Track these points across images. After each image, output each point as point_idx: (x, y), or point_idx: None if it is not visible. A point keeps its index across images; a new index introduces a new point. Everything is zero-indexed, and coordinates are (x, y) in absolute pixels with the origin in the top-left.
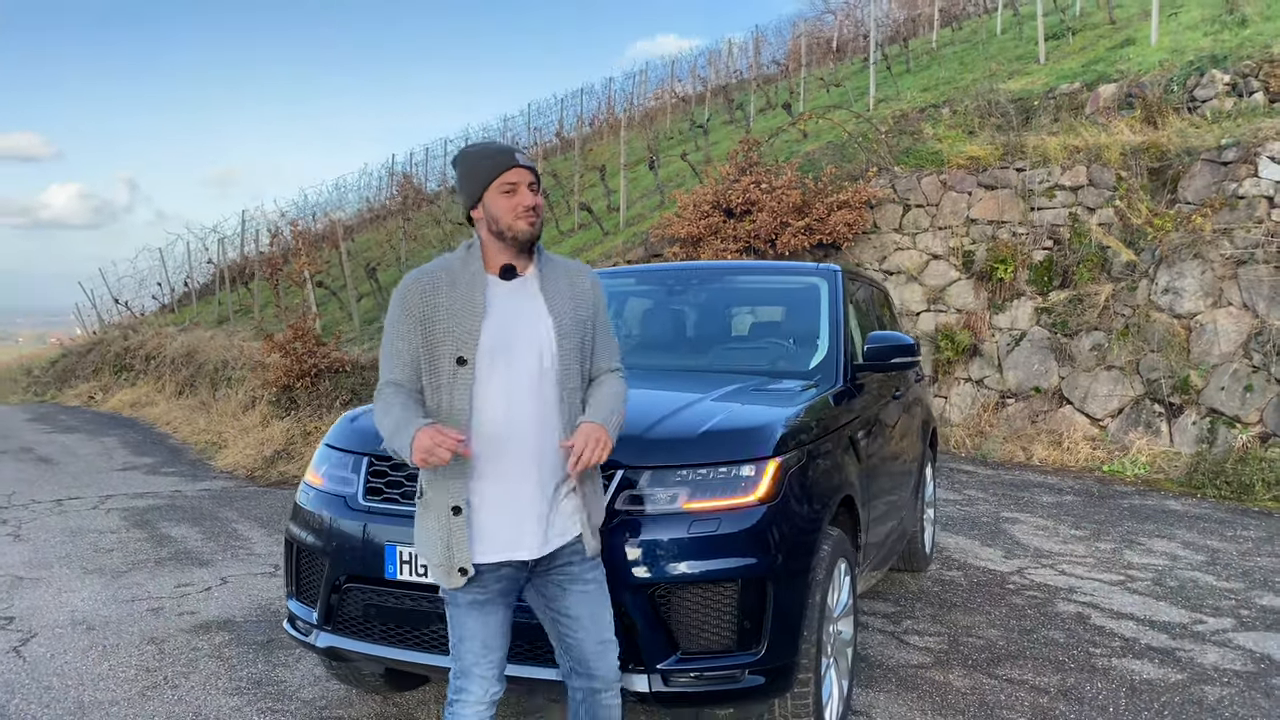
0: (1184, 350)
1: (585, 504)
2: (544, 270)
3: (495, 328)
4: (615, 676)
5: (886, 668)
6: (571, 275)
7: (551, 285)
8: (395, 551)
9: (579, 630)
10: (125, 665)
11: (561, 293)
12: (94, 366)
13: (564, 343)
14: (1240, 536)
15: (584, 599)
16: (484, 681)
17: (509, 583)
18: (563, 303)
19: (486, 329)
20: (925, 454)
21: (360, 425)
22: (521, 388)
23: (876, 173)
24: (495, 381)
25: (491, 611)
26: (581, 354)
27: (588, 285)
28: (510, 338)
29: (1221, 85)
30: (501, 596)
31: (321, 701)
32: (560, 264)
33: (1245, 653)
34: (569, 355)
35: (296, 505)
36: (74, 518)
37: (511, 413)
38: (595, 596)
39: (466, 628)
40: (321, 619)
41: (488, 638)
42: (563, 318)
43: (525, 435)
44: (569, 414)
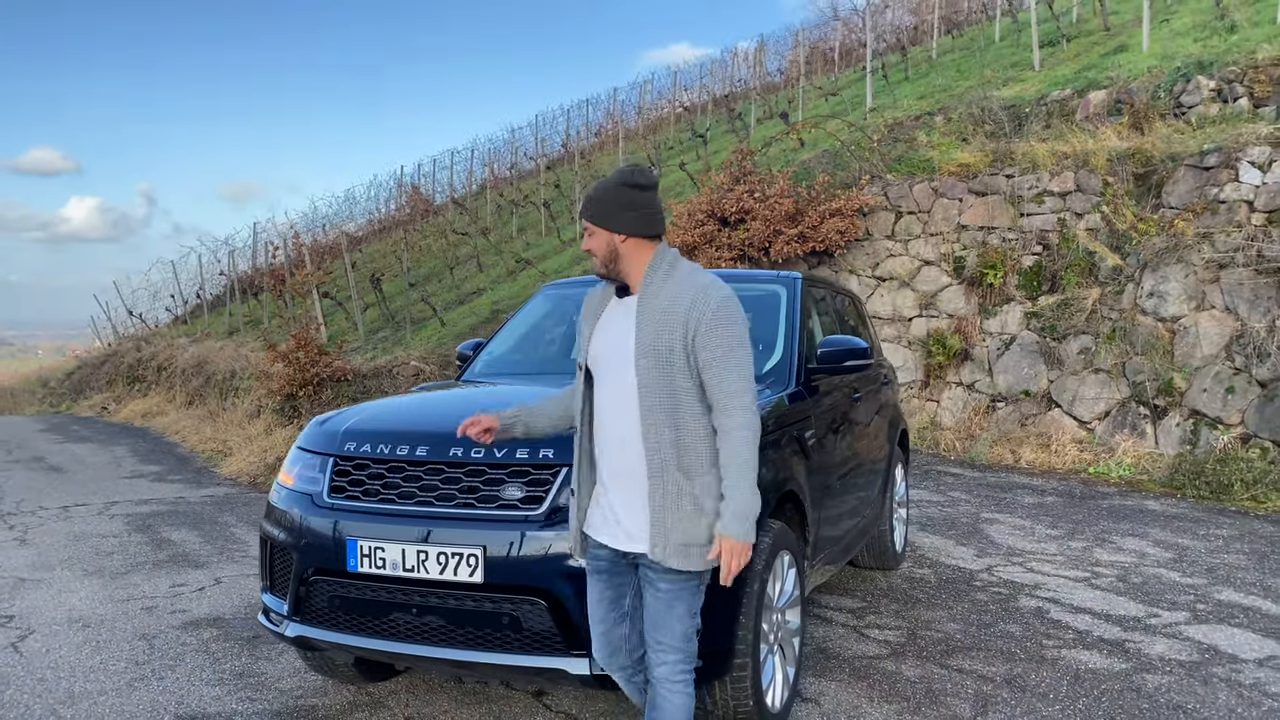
0: (1168, 353)
1: (663, 520)
2: (650, 289)
3: (600, 341)
4: (669, 676)
5: (842, 659)
6: (674, 296)
7: (646, 305)
8: (356, 545)
9: (647, 621)
10: (116, 659)
11: (652, 313)
12: (108, 378)
13: (641, 362)
14: (1212, 535)
15: (654, 600)
16: (598, 643)
17: (609, 564)
18: (649, 324)
19: (595, 341)
20: (894, 454)
21: (328, 428)
22: (614, 399)
23: (869, 180)
24: (601, 389)
25: (595, 582)
26: (667, 375)
27: (684, 305)
28: (608, 351)
29: (1207, 91)
30: (602, 573)
31: (298, 691)
32: (674, 283)
33: (1193, 644)
34: (646, 374)
35: (269, 504)
36: (79, 523)
37: (603, 419)
38: (664, 601)
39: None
40: (291, 610)
41: (594, 603)
42: (644, 338)
43: (612, 443)
44: (654, 434)
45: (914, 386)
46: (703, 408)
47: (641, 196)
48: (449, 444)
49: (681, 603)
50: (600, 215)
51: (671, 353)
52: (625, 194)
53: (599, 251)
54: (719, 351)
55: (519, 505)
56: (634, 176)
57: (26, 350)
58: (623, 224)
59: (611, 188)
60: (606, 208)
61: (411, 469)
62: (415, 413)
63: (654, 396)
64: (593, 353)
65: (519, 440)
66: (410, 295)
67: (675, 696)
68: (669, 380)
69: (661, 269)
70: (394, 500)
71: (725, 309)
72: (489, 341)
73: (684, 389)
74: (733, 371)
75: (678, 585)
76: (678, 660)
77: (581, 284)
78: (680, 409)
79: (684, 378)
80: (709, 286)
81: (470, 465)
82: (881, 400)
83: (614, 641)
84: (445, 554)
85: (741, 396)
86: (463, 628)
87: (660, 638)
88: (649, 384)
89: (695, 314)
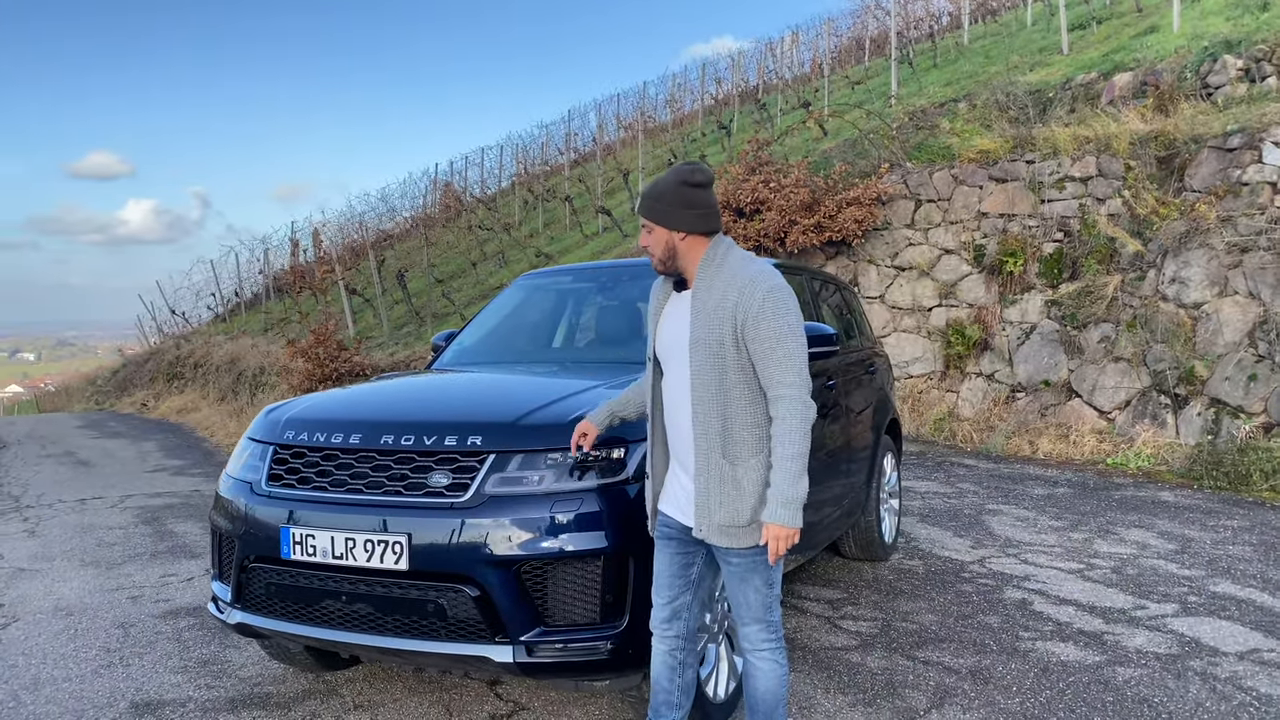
0: (1190, 341)
1: (707, 502)
2: (703, 282)
3: (663, 333)
4: (752, 645)
5: (808, 649)
6: (723, 288)
7: (700, 297)
8: (289, 533)
9: (730, 596)
10: (89, 647)
11: (704, 307)
12: (150, 375)
13: (694, 354)
14: (1221, 526)
15: (729, 574)
16: (659, 608)
17: (679, 532)
18: (701, 317)
19: (660, 333)
20: (880, 443)
21: (273, 417)
22: (675, 388)
23: (889, 169)
24: (666, 379)
25: (664, 548)
26: (718, 367)
27: (733, 299)
28: (669, 343)
29: (1234, 71)
30: (672, 540)
31: (257, 679)
32: (725, 276)
33: (1175, 637)
34: (699, 366)
35: (217, 492)
36: (90, 515)
37: (669, 406)
38: (738, 575)
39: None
40: (233, 597)
41: (659, 571)
42: (696, 332)
43: (677, 428)
44: (703, 422)
45: (933, 377)
46: (753, 396)
47: (699, 194)
48: (381, 432)
49: (756, 575)
50: (658, 214)
51: (722, 345)
52: (684, 192)
53: (656, 249)
54: (767, 343)
55: (445, 492)
56: (692, 175)
57: (87, 350)
58: (681, 221)
59: (670, 186)
60: (665, 206)
61: (344, 457)
62: (355, 402)
63: (704, 388)
64: (659, 345)
65: (449, 425)
66: (434, 291)
67: (764, 664)
68: (720, 372)
69: (715, 262)
70: (326, 488)
71: (772, 299)
72: (460, 331)
73: (735, 380)
74: (782, 361)
75: (748, 559)
76: (760, 629)
77: (554, 274)
78: (730, 399)
79: (735, 369)
80: (757, 278)
81: (399, 453)
82: (867, 388)
83: (676, 608)
84: (371, 541)
85: (790, 386)
86: (390, 615)
87: (740, 610)
88: (701, 375)
89: (743, 306)
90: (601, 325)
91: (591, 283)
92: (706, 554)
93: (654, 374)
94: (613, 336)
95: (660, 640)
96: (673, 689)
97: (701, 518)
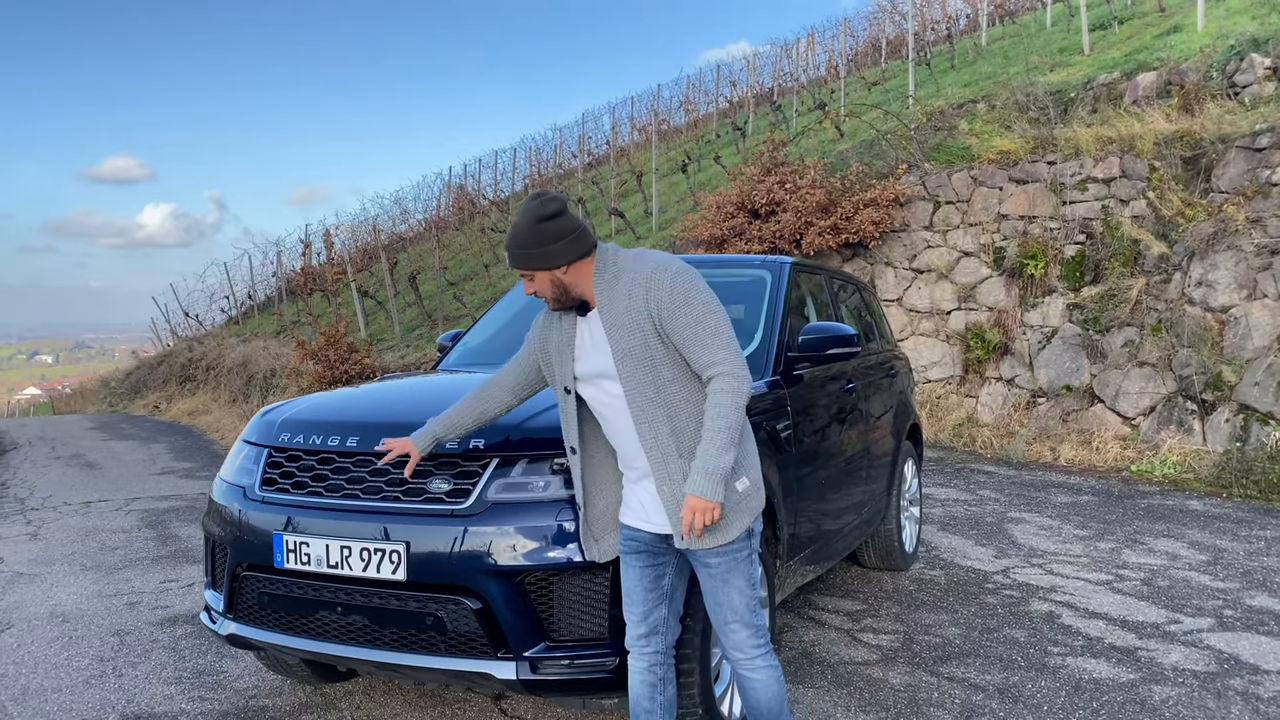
0: (1217, 345)
1: (677, 510)
2: (604, 295)
3: (583, 362)
4: (744, 655)
5: (827, 664)
6: (627, 292)
7: (607, 311)
8: (283, 540)
9: (707, 605)
10: (83, 655)
11: (616, 317)
12: (163, 378)
13: (622, 368)
14: (1254, 536)
15: (709, 579)
16: (634, 625)
17: (648, 544)
18: (617, 327)
19: (579, 364)
20: (901, 449)
21: (269, 419)
22: (610, 410)
23: (906, 170)
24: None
25: (633, 562)
26: (650, 371)
27: (640, 297)
28: (592, 369)
29: (1262, 70)
30: (641, 553)
31: (252, 691)
32: (623, 280)
33: (1212, 653)
34: (630, 377)
35: (210, 498)
36: (94, 519)
37: (610, 429)
38: (719, 577)
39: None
40: (226, 607)
41: (630, 587)
42: (617, 344)
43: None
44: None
45: (951, 382)
46: (690, 385)
47: (559, 224)
48: (379, 434)
49: (737, 575)
50: (531, 259)
51: (648, 347)
52: (544, 229)
53: (546, 292)
54: (690, 328)
55: (445, 499)
56: (544, 208)
57: (104, 353)
58: (555, 257)
59: (529, 230)
60: (532, 250)
61: (340, 460)
62: (354, 403)
63: (641, 396)
64: (579, 372)
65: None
66: (446, 294)
67: (758, 674)
68: (654, 374)
69: (607, 274)
70: (321, 493)
71: (680, 283)
72: (467, 332)
73: (669, 376)
74: (709, 340)
75: (727, 558)
76: (748, 635)
77: None
78: (669, 396)
79: (667, 365)
80: (657, 269)
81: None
82: (887, 391)
83: (653, 623)
84: (368, 550)
85: (723, 363)
86: (387, 628)
87: (725, 615)
88: (635, 385)
89: (654, 300)
90: None
91: None
92: (676, 563)
93: (573, 403)
94: None
95: (638, 657)
96: (654, 707)
97: (677, 528)
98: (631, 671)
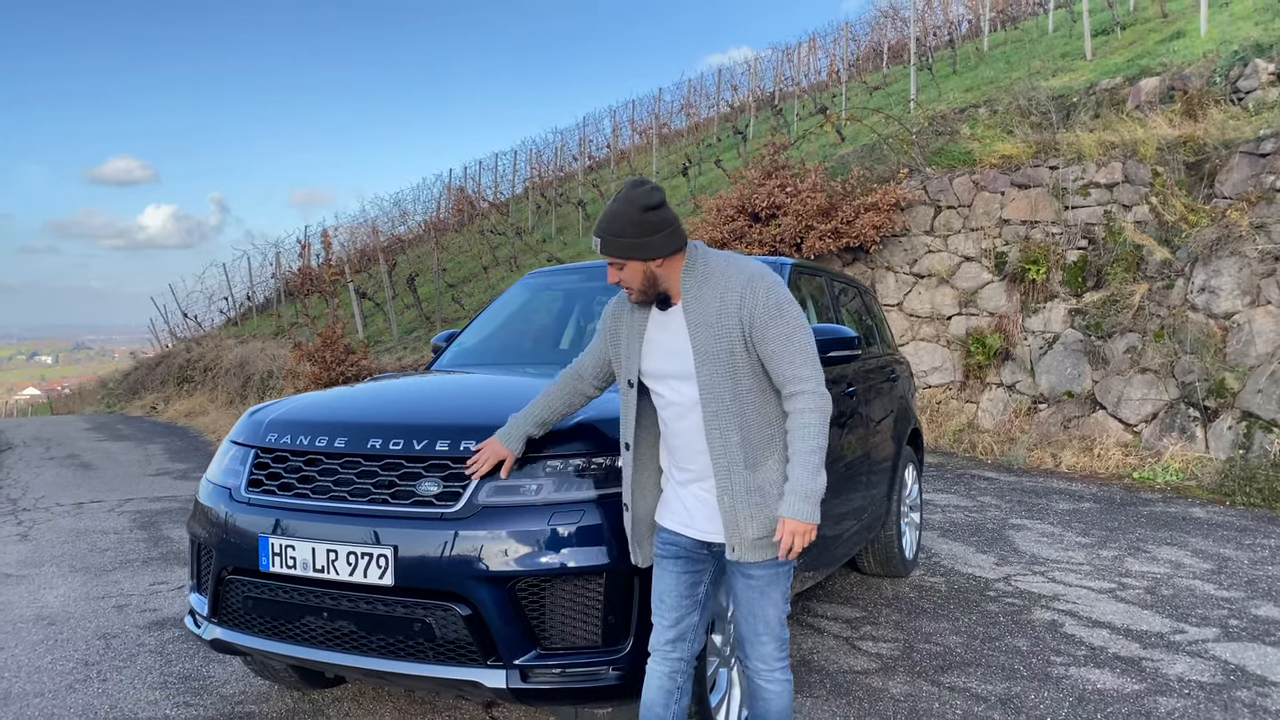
0: (1220, 352)
1: (735, 520)
2: (691, 293)
3: (653, 356)
4: (767, 666)
5: (826, 673)
6: (719, 295)
7: (694, 310)
8: (268, 543)
9: (740, 613)
10: (67, 659)
11: (703, 319)
12: (161, 378)
13: (702, 370)
14: (1258, 545)
15: (747, 589)
16: (663, 630)
17: (687, 550)
18: (702, 328)
19: (647, 357)
20: (901, 454)
21: (256, 419)
22: (678, 410)
23: (908, 174)
24: (662, 403)
25: (670, 567)
26: (730, 378)
27: (734, 302)
28: (664, 365)
29: (1266, 75)
30: (679, 558)
31: (239, 697)
32: (714, 281)
33: (1218, 663)
34: (709, 381)
35: (196, 499)
36: (86, 519)
37: (669, 430)
38: (758, 589)
39: (653, 579)
40: (210, 611)
41: (664, 591)
42: (701, 345)
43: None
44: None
45: (952, 387)
46: (766, 397)
47: (662, 215)
48: (368, 435)
49: (776, 589)
50: (627, 249)
51: (732, 354)
52: (648, 219)
53: (635, 283)
54: (778, 341)
55: (434, 502)
56: (650, 197)
57: (104, 353)
58: (654, 249)
59: (631, 217)
60: (631, 240)
61: (329, 461)
62: (343, 403)
63: (718, 401)
64: (647, 368)
65: (441, 429)
66: (445, 296)
67: (775, 685)
68: (732, 382)
69: (697, 273)
70: (308, 495)
71: (775, 295)
72: (462, 332)
73: (747, 386)
74: (796, 356)
75: (771, 570)
76: (775, 647)
77: (562, 273)
78: (745, 406)
79: (747, 374)
80: (755, 275)
81: (387, 458)
82: (888, 396)
83: (682, 629)
84: (355, 554)
85: (808, 380)
86: (374, 634)
87: (757, 626)
88: (712, 389)
89: (748, 308)
90: None
91: (602, 282)
92: (713, 571)
93: (634, 398)
94: None
95: (661, 661)
96: (666, 715)
97: (733, 536)
98: (651, 674)
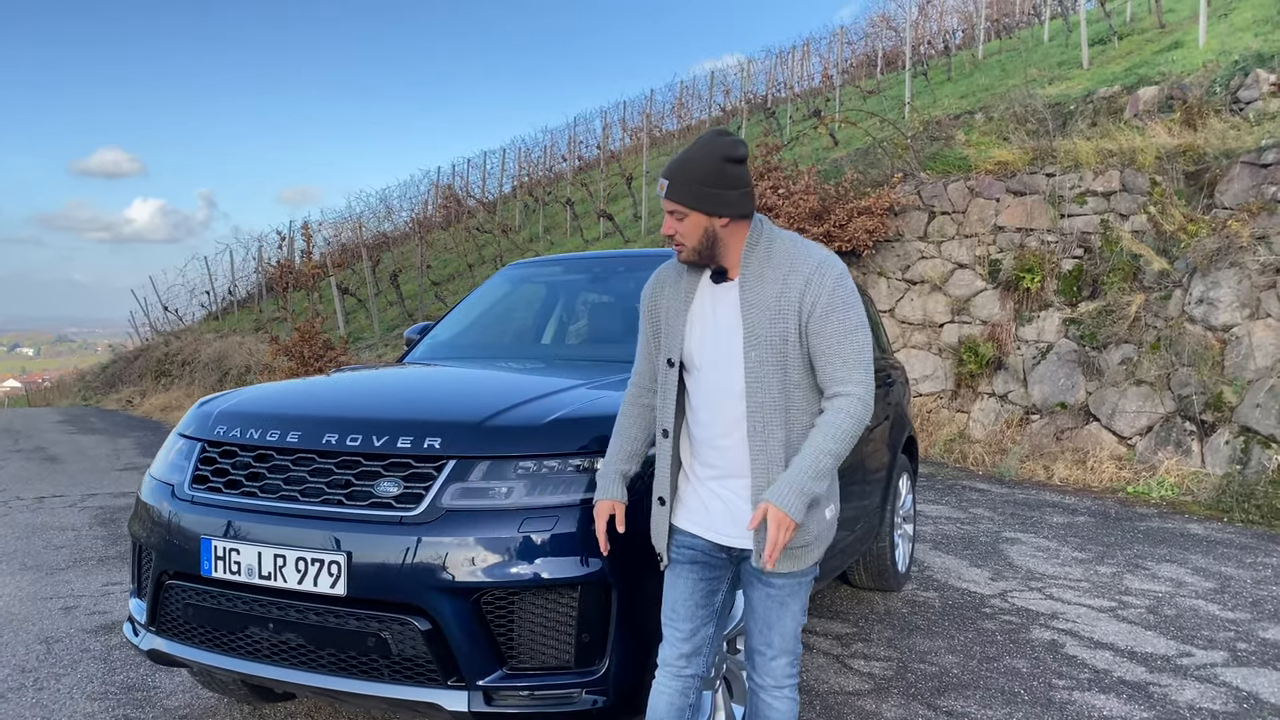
0: (1218, 365)
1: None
2: (751, 270)
3: (696, 332)
4: (776, 683)
5: (815, 693)
6: (782, 276)
7: (751, 289)
8: (211, 546)
9: (754, 624)
10: (2, 665)
11: (761, 299)
12: (139, 372)
13: (751, 354)
14: (1260, 564)
15: (766, 599)
16: (676, 642)
17: (706, 555)
18: (758, 309)
19: (690, 334)
20: (896, 463)
21: (205, 410)
22: (715, 396)
23: (902, 179)
24: (698, 385)
25: (686, 574)
26: (780, 368)
27: (797, 287)
28: (708, 344)
29: (1267, 85)
30: (697, 563)
31: (184, 710)
32: (778, 261)
33: (1230, 690)
34: (758, 368)
35: (137, 496)
36: (45, 515)
37: (701, 417)
38: (778, 600)
39: (665, 587)
40: (148, 619)
41: (678, 599)
42: (755, 328)
43: (712, 441)
44: (762, 434)
45: (943, 396)
46: (812, 396)
47: (742, 171)
48: (324, 430)
49: (796, 600)
50: (697, 197)
51: (785, 343)
52: (728, 171)
53: (692, 239)
54: (834, 338)
55: (394, 504)
56: (735, 149)
57: (87, 346)
58: (724, 205)
59: (711, 164)
60: (705, 189)
61: (280, 458)
62: (299, 396)
63: (765, 392)
64: (689, 347)
65: (404, 425)
66: (428, 294)
67: (782, 703)
68: (782, 373)
69: (760, 248)
70: (256, 494)
71: (842, 288)
72: (436, 325)
73: (797, 380)
74: (850, 358)
75: (793, 581)
76: (788, 662)
77: (544, 264)
78: (792, 403)
79: (797, 369)
80: (824, 263)
81: (344, 455)
82: (882, 402)
83: (698, 643)
84: (305, 560)
85: (857, 384)
86: (324, 649)
87: (772, 639)
88: (760, 379)
89: (811, 297)
90: (596, 320)
91: (585, 274)
92: (731, 579)
93: (675, 378)
94: (609, 332)
95: (673, 678)
96: None
97: (760, 545)
98: (660, 691)
